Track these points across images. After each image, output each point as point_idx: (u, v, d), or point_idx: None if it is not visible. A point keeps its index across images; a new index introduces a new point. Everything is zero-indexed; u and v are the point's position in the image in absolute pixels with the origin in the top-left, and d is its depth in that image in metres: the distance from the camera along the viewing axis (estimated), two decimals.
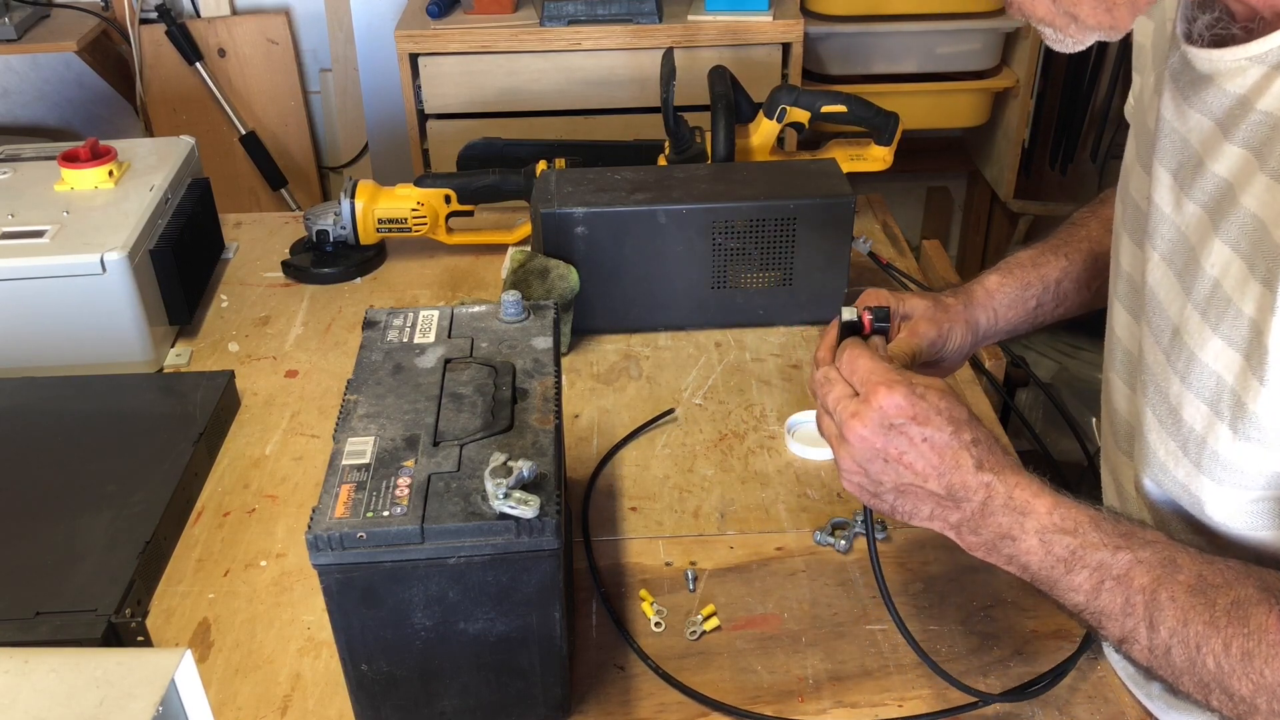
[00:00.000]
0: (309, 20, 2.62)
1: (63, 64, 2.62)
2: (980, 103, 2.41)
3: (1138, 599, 0.68)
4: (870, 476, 0.75)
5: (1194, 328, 0.71)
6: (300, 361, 1.31)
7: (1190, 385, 0.72)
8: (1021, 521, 0.72)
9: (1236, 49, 0.68)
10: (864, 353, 0.78)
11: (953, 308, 0.94)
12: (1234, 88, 0.69)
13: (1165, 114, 0.76)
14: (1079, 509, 0.71)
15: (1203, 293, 0.70)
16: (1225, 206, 0.69)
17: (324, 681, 0.89)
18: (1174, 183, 0.75)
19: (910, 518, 0.76)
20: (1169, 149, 0.76)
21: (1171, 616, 0.66)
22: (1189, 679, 0.66)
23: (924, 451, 0.73)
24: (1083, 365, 2.19)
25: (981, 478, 0.72)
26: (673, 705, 0.87)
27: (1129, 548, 0.69)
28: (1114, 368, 0.87)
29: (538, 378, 0.86)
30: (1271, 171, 0.65)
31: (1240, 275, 0.67)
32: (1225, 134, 0.69)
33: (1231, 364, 0.68)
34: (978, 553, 0.75)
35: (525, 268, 1.28)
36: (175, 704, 0.53)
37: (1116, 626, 0.69)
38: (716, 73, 1.46)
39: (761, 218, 1.28)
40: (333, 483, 0.75)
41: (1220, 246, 0.69)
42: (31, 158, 1.43)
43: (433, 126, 2.21)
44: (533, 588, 0.76)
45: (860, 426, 0.74)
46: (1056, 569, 0.71)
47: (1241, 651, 0.64)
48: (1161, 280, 0.75)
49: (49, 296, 1.21)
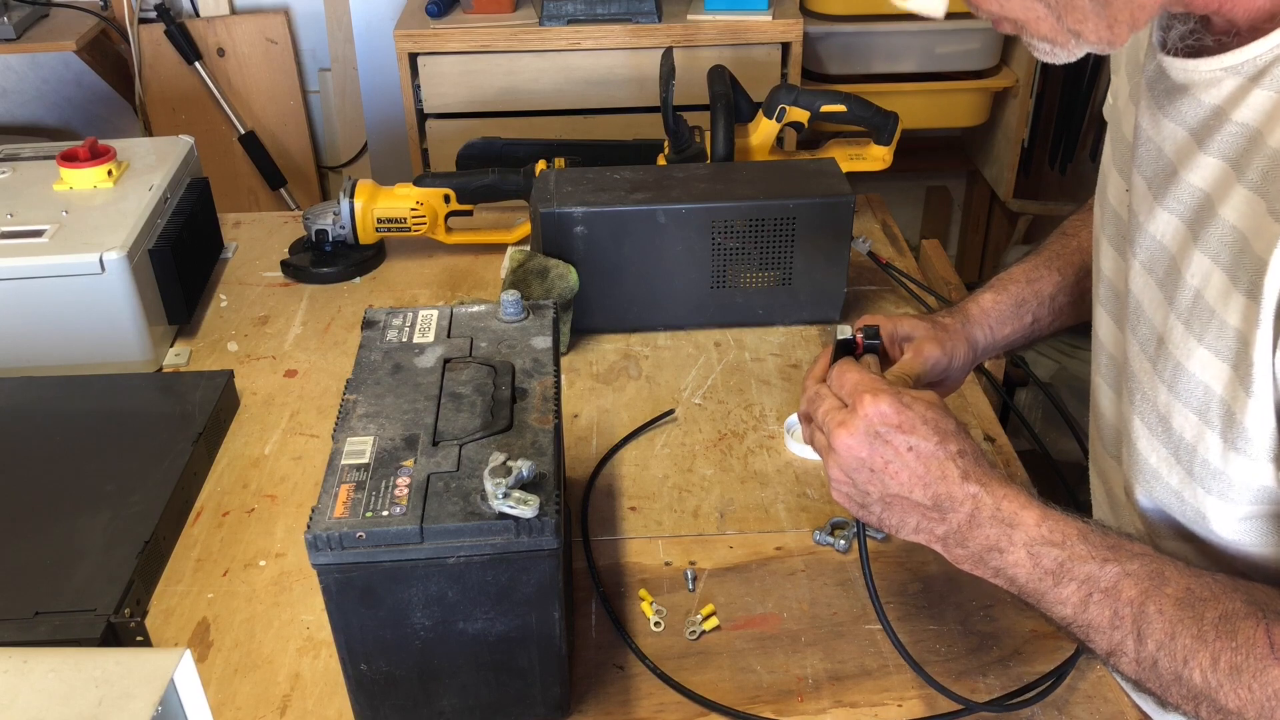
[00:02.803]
0: (308, 20, 2.61)
1: (62, 63, 2.62)
2: (979, 102, 2.41)
3: (1126, 611, 0.68)
4: (857, 487, 0.76)
5: (1178, 338, 0.71)
6: (299, 361, 1.31)
7: (1178, 394, 0.71)
8: (1009, 534, 0.71)
9: (1211, 59, 0.68)
10: (853, 367, 0.78)
11: (951, 327, 0.94)
12: (1209, 98, 0.69)
13: (1142, 122, 0.76)
14: (1067, 521, 0.71)
15: (1185, 303, 0.70)
16: (1204, 218, 0.69)
17: (323, 681, 0.89)
18: (1148, 191, 0.75)
19: (898, 530, 0.76)
20: (1145, 157, 0.76)
21: (1159, 629, 0.66)
22: (1177, 691, 0.66)
23: (909, 461, 0.73)
24: (1082, 365, 2.18)
25: (968, 489, 0.72)
26: (672, 705, 0.87)
27: (1117, 560, 0.69)
28: (1099, 372, 0.87)
29: (537, 377, 0.86)
30: (1250, 184, 0.65)
31: (1222, 287, 0.67)
32: (1200, 144, 0.69)
33: (1220, 375, 0.68)
34: (965, 566, 0.75)
35: (524, 267, 1.28)
36: (174, 704, 0.53)
37: (1104, 639, 0.69)
38: (716, 72, 1.46)
39: (761, 217, 1.28)
40: (332, 482, 0.75)
41: (1200, 258, 0.69)
42: (30, 157, 1.43)
43: (432, 126, 2.21)
44: (532, 587, 0.76)
45: (846, 435, 0.74)
46: (1044, 581, 0.70)
47: (1230, 666, 0.64)
48: (1144, 289, 0.75)
49: (48, 296, 1.21)
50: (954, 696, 0.83)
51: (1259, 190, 0.64)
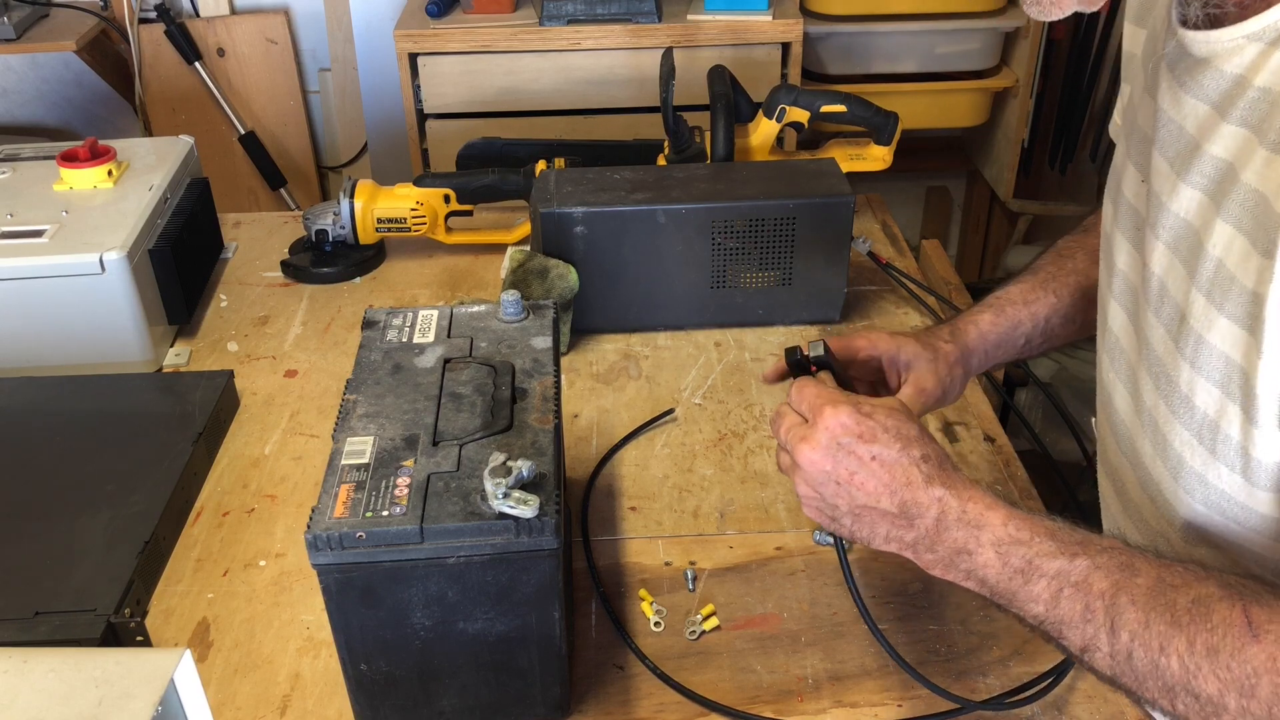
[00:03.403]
0: (308, 20, 2.61)
1: (62, 63, 2.61)
2: (979, 102, 2.41)
3: (1097, 604, 0.67)
4: (826, 501, 0.76)
5: (1200, 310, 0.70)
6: (299, 361, 1.31)
7: (1200, 369, 0.70)
8: (976, 535, 0.71)
9: (1232, 28, 0.68)
10: (810, 382, 0.79)
11: (949, 355, 0.95)
12: (1231, 68, 0.68)
13: (1162, 104, 0.76)
14: (1034, 520, 0.71)
15: (1207, 274, 0.69)
16: (1226, 186, 0.68)
17: (323, 681, 0.89)
18: (1171, 170, 0.74)
19: (870, 541, 0.76)
20: (1166, 139, 0.75)
21: (1133, 619, 0.65)
22: (1153, 683, 0.65)
23: (874, 470, 0.73)
24: (1082, 365, 2.19)
25: (933, 493, 0.72)
26: (672, 705, 0.87)
27: (1086, 554, 0.68)
28: (1113, 369, 0.86)
29: (537, 377, 0.86)
30: (1271, 145, 0.64)
31: (1243, 251, 0.66)
32: (1223, 115, 0.69)
33: (1238, 341, 0.67)
34: (936, 571, 0.74)
35: (524, 267, 1.28)
36: (174, 704, 0.53)
37: (1077, 635, 0.68)
38: (716, 72, 1.46)
39: (761, 217, 1.28)
40: (332, 482, 0.75)
41: (1223, 226, 0.68)
42: (30, 157, 1.43)
43: (432, 126, 2.21)
44: (532, 587, 0.76)
45: (809, 449, 0.74)
46: (1015, 580, 0.70)
47: (1207, 647, 0.62)
48: (1169, 268, 0.75)
49: (48, 296, 1.21)
50: (950, 696, 0.83)
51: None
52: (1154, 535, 0.82)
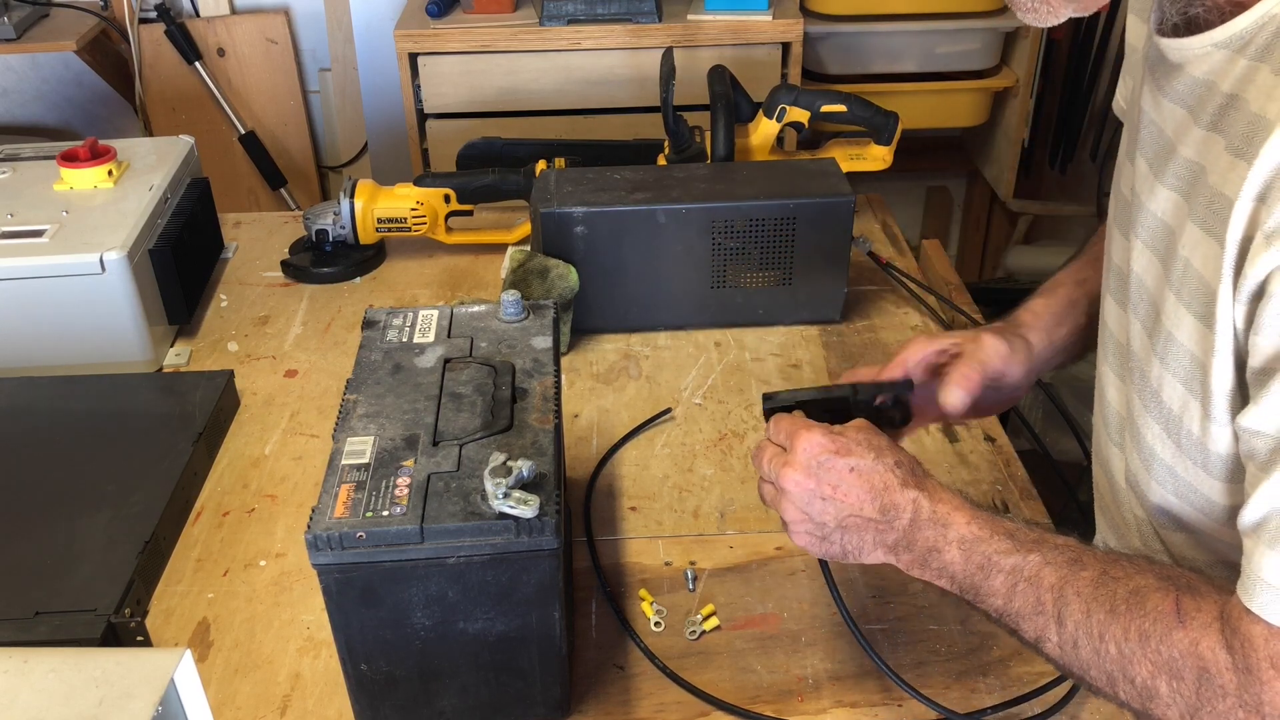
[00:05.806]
0: (308, 20, 2.61)
1: (62, 63, 2.61)
2: (980, 102, 2.41)
3: (1047, 597, 0.71)
4: (814, 520, 0.79)
5: (1170, 308, 0.73)
6: (300, 361, 1.31)
7: (1168, 366, 0.74)
8: (944, 533, 0.75)
9: (1202, 36, 0.70)
10: (785, 418, 0.83)
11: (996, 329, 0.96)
12: (1201, 74, 0.71)
13: (1145, 106, 0.79)
14: (995, 521, 0.76)
15: (1178, 273, 0.72)
16: (1197, 189, 0.70)
17: (323, 681, 0.89)
18: (1150, 171, 0.77)
19: (859, 553, 0.79)
20: (1147, 139, 0.78)
21: (1077, 610, 0.69)
22: (1096, 670, 0.69)
23: (854, 481, 0.77)
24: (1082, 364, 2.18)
25: (908, 494, 0.77)
26: (672, 705, 0.87)
27: (1039, 550, 0.72)
28: (1106, 359, 0.89)
29: (537, 377, 0.86)
30: (1233, 149, 0.67)
31: (1205, 250, 0.69)
32: (1195, 119, 0.72)
33: (1201, 338, 0.70)
34: (915, 571, 0.78)
35: (525, 267, 1.28)
36: (174, 704, 0.53)
37: (1030, 626, 0.72)
38: (716, 72, 1.46)
39: (761, 217, 1.28)
40: (332, 482, 0.75)
41: (1192, 227, 0.70)
42: (30, 157, 1.43)
43: (432, 126, 2.21)
44: (532, 587, 0.76)
45: (791, 473, 0.78)
46: (977, 575, 0.74)
47: (1139, 633, 0.66)
48: (1146, 267, 0.78)
49: (48, 296, 1.21)
50: (933, 705, 0.83)
51: (1238, 153, 0.66)
52: (1138, 523, 0.85)
